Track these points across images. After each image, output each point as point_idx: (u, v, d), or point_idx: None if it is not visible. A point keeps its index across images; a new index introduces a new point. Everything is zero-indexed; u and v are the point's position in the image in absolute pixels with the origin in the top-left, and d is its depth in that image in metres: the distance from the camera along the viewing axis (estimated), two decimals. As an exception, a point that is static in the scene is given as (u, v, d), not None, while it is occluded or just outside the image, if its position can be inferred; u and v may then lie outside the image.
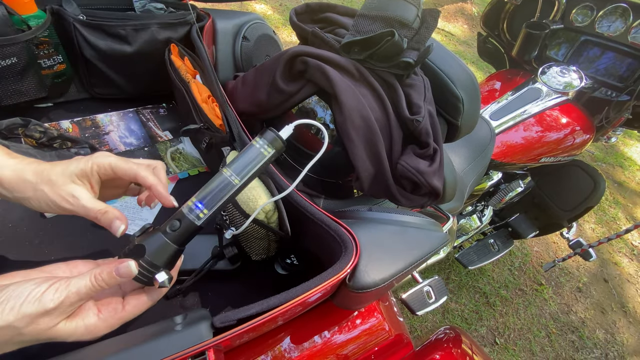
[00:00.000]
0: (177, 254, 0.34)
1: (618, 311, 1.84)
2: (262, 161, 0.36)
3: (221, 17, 0.74)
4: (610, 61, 1.21)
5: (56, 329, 0.29)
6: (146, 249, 0.32)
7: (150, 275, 0.32)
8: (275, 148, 0.36)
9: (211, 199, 0.34)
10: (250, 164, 0.35)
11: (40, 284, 0.28)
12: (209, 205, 0.34)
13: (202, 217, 0.34)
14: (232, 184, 0.35)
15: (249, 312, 0.31)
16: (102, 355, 0.28)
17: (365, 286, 0.37)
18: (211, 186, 0.34)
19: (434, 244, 0.44)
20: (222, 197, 0.34)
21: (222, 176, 0.35)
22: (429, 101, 0.56)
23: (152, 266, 0.32)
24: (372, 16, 0.52)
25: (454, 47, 3.53)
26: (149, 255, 0.32)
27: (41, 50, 0.62)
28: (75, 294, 0.29)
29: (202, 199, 0.34)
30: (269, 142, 0.36)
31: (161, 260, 0.32)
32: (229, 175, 0.35)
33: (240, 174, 0.35)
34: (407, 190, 0.57)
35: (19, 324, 0.27)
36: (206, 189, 0.34)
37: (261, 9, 2.92)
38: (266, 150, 0.36)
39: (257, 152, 0.36)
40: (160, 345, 0.28)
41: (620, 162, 2.80)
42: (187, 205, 0.34)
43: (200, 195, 0.34)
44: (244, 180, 0.35)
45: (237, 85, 0.63)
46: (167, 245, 0.33)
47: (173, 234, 0.33)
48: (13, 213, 0.54)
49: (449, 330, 0.70)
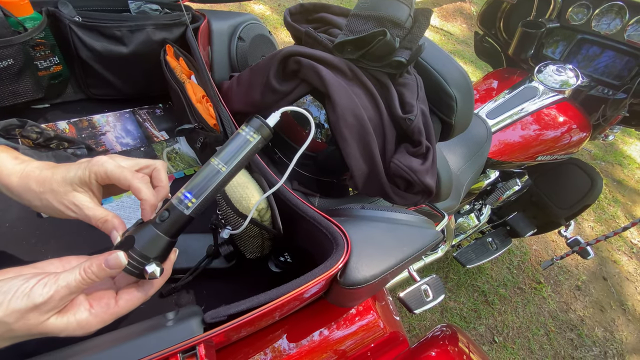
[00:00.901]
0: (168, 246, 0.34)
1: (617, 309, 1.84)
2: (248, 147, 0.36)
3: (216, 18, 0.74)
4: (607, 59, 1.21)
5: (47, 324, 0.29)
6: (136, 240, 0.32)
7: (140, 267, 0.32)
8: (262, 135, 0.36)
9: (199, 188, 0.34)
10: (237, 151, 0.35)
11: (29, 279, 0.28)
12: (197, 194, 0.34)
13: (191, 206, 0.34)
14: (219, 172, 0.35)
15: (239, 308, 0.32)
16: (94, 350, 0.29)
17: (356, 282, 0.37)
18: (199, 175, 0.35)
19: (426, 241, 0.44)
20: (210, 185, 0.34)
21: (209, 165, 0.35)
22: (422, 100, 0.57)
23: (143, 257, 0.32)
24: (364, 16, 0.52)
25: (453, 46, 3.53)
26: (139, 246, 0.32)
27: (37, 51, 0.63)
28: (65, 287, 0.29)
29: (191, 189, 0.34)
30: (255, 129, 0.36)
31: (152, 252, 0.32)
32: (216, 164, 0.35)
33: (228, 161, 0.35)
34: (400, 188, 0.58)
35: (8, 320, 0.27)
36: (194, 179, 0.35)
37: (259, 9, 2.93)
38: (252, 137, 0.36)
39: (243, 139, 0.36)
40: (151, 340, 0.29)
41: (620, 160, 2.80)
42: (176, 197, 0.34)
43: (189, 185, 0.34)
44: (231, 167, 0.35)
45: (232, 85, 0.63)
46: (157, 236, 0.33)
47: (162, 225, 0.33)
48: (10, 213, 0.54)
49: (446, 328, 0.70)
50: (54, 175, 0.36)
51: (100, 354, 0.28)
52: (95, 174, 0.36)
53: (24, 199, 0.37)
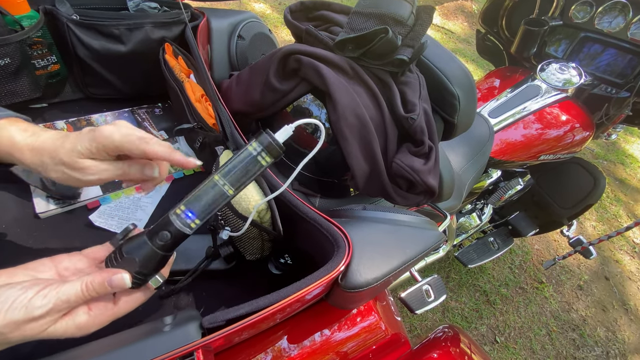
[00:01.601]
0: (167, 258, 0.34)
1: (619, 309, 1.83)
2: (258, 171, 0.34)
3: (216, 16, 0.73)
4: (610, 58, 1.20)
5: (46, 332, 0.28)
6: (137, 261, 0.32)
7: (142, 283, 0.32)
8: (273, 156, 0.34)
9: (203, 210, 0.32)
10: (246, 174, 0.33)
11: (27, 289, 0.28)
12: (200, 215, 0.32)
13: (194, 227, 0.32)
14: (225, 195, 0.33)
15: (238, 312, 0.31)
16: (91, 355, 0.28)
17: (357, 286, 0.37)
18: (204, 196, 0.33)
19: (428, 243, 0.43)
20: (215, 207, 0.33)
21: (216, 186, 0.33)
22: (424, 99, 0.56)
23: (144, 275, 0.32)
24: (366, 13, 0.52)
25: (454, 44, 3.52)
26: (140, 267, 0.32)
27: (35, 50, 0.62)
28: (65, 301, 0.28)
29: (194, 209, 0.32)
30: (266, 148, 0.33)
31: (152, 268, 0.32)
32: (222, 185, 0.33)
33: (235, 184, 0.33)
34: (402, 188, 0.57)
35: (5, 330, 0.26)
36: (199, 199, 0.33)
37: (260, 8, 2.92)
38: (264, 159, 0.33)
39: (254, 160, 0.33)
40: (148, 345, 0.28)
41: (622, 160, 2.78)
42: (176, 214, 0.32)
43: (191, 204, 0.32)
44: (238, 190, 0.34)
45: (231, 84, 0.62)
46: (156, 255, 0.32)
47: (162, 245, 0.32)
48: (7, 214, 0.53)
49: (447, 329, 0.69)
50: (64, 144, 0.35)
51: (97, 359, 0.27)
52: (104, 146, 0.35)
53: (41, 173, 0.37)
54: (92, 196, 0.59)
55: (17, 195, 0.56)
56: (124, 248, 0.33)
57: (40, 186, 0.55)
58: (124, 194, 0.62)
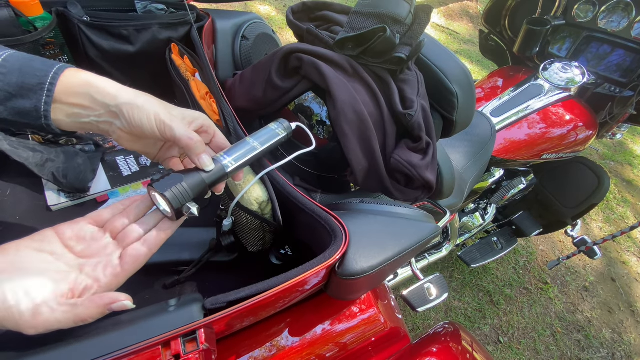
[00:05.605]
0: (203, 192, 0.37)
1: (626, 310, 1.81)
2: (276, 137, 0.44)
3: (221, 17, 0.75)
4: (614, 57, 1.20)
5: None
6: (184, 179, 0.35)
7: (183, 202, 0.35)
8: (287, 132, 0.45)
9: (238, 156, 0.40)
10: (269, 136, 0.43)
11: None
12: (236, 159, 0.40)
13: (231, 167, 0.39)
14: (255, 148, 0.42)
15: (239, 295, 0.33)
16: (96, 334, 0.30)
17: (353, 273, 0.38)
18: (237, 147, 0.41)
19: (424, 235, 0.44)
20: (247, 156, 0.41)
21: (246, 142, 0.42)
22: (423, 96, 0.57)
23: (185, 196, 0.35)
24: (365, 13, 0.53)
25: (459, 45, 3.51)
26: (187, 185, 0.35)
27: (47, 50, 0.65)
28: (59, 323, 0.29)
29: (232, 155, 0.40)
30: (282, 126, 0.45)
31: (194, 193, 0.35)
32: (251, 142, 0.42)
33: (262, 142, 0.42)
34: (400, 183, 0.58)
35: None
36: (234, 149, 0.41)
37: (265, 10, 2.95)
38: (280, 132, 0.44)
39: (273, 132, 0.44)
40: (153, 324, 0.30)
41: (629, 160, 2.75)
42: (220, 155, 0.39)
43: (229, 152, 0.40)
44: (263, 147, 0.42)
45: (235, 82, 0.64)
46: (202, 181, 0.36)
47: (208, 174, 0.37)
48: (20, 205, 0.56)
49: (448, 325, 0.70)
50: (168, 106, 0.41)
51: (102, 337, 0.29)
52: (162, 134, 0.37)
53: (121, 113, 0.37)
54: (101, 190, 0.61)
55: (30, 188, 0.58)
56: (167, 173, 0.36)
57: (52, 180, 0.57)
58: (131, 188, 0.64)
